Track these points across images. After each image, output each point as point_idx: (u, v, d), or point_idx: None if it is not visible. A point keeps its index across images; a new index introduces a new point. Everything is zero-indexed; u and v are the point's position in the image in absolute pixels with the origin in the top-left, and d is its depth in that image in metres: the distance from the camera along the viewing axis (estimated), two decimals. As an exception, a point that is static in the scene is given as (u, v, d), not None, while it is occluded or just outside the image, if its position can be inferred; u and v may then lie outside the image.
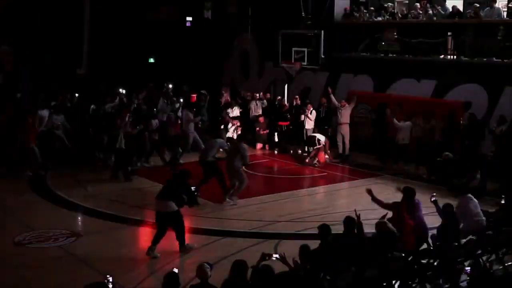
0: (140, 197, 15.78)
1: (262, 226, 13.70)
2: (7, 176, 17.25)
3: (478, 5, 19.41)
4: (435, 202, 11.48)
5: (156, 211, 12.01)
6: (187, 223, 13.81)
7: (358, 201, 15.38)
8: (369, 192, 11.41)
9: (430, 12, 21.01)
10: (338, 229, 9.46)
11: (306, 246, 8.54)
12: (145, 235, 13.67)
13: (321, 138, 19.45)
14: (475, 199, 11.67)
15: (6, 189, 16.48)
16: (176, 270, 7.67)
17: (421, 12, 21.22)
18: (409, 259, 9.56)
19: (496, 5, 19.33)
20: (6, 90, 23.04)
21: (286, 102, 22.86)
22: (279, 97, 23.45)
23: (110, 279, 7.36)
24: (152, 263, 11.37)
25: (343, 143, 20.12)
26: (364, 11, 23.07)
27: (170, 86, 22.89)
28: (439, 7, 20.99)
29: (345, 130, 19.98)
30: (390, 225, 9.72)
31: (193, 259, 11.59)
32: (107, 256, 10.91)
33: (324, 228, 9.23)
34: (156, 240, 11.81)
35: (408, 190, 11.37)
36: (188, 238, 13.16)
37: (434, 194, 11.79)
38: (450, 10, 20.65)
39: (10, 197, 15.68)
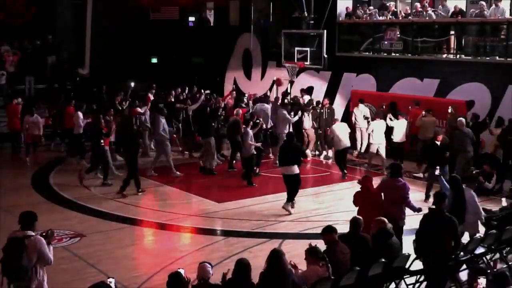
0: (145, 198, 15.76)
1: (265, 225, 13.70)
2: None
3: (484, 3, 19.36)
4: (440, 177, 11.58)
5: (284, 174, 14.67)
6: (190, 223, 13.87)
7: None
8: None
9: (432, 11, 20.97)
10: (341, 229, 9.41)
11: (316, 247, 8.43)
12: (149, 235, 13.70)
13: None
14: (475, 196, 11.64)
15: (8, 189, 16.51)
16: (180, 270, 7.65)
17: (423, 10, 21.17)
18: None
19: (501, 4, 19.26)
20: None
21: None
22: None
23: (113, 280, 7.33)
24: (156, 263, 11.35)
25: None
26: (367, 11, 23.03)
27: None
28: (440, 6, 20.97)
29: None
30: (388, 224, 9.71)
31: (196, 259, 11.56)
32: (110, 257, 10.90)
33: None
34: (290, 197, 14.50)
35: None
36: (190, 238, 13.21)
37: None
38: (452, 9, 20.60)
39: (13, 197, 15.69)
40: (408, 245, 10.25)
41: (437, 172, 11.85)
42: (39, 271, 7.90)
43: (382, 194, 11.34)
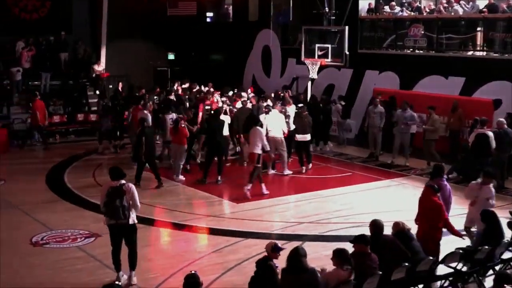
0: (161, 197, 15.76)
1: (285, 227, 13.63)
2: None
3: (512, -2, 19.19)
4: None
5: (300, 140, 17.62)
6: (208, 223, 13.82)
7: (383, 202, 15.34)
8: None
9: (458, 6, 20.78)
10: (363, 231, 9.31)
11: (343, 250, 8.32)
12: (165, 236, 13.69)
13: None
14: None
15: (24, 188, 16.59)
16: (195, 272, 7.60)
17: (448, 6, 20.99)
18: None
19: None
20: None
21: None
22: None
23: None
24: (172, 264, 11.33)
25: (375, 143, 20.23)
26: (390, 6, 22.88)
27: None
28: (470, 2, 20.79)
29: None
30: (406, 225, 9.59)
31: (213, 260, 11.57)
32: (126, 258, 10.86)
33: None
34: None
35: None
36: (208, 239, 13.16)
37: None
38: (479, 4, 20.40)
39: (29, 197, 15.77)
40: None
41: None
42: (132, 212, 10.21)
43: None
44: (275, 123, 17.70)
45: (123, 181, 10.26)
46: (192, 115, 18.75)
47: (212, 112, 18.20)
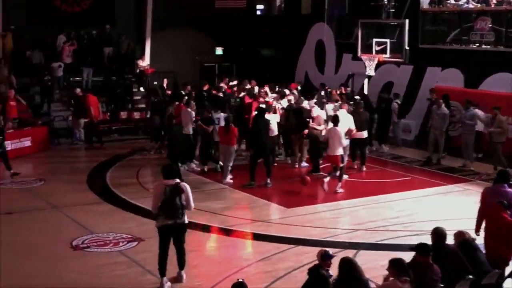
0: (207, 200, 15.86)
1: (338, 234, 13.54)
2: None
3: None
4: None
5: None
6: (256, 229, 13.84)
7: (444, 210, 15.13)
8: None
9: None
10: (423, 240, 9.20)
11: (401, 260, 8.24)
12: (211, 241, 13.76)
13: None
14: None
15: (65, 190, 16.89)
16: (243, 280, 7.64)
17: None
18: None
19: None
20: None
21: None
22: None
23: None
24: (219, 271, 11.38)
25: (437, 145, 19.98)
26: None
27: None
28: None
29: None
30: (469, 234, 9.44)
31: (261, 268, 11.58)
32: (169, 263, 10.97)
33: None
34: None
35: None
36: (256, 245, 13.18)
37: None
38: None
39: (69, 198, 16.05)
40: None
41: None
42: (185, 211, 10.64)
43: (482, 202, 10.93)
44: (342, 123, 17.51)
45: (177, 180, 10.54)
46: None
47: (257, 111, 18.25)
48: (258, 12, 31.91)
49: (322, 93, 22.38)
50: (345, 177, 17.77)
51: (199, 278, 11.13)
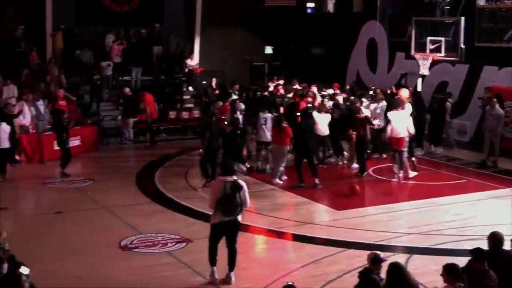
0: (255, 201, 15.82)
1: (391, 238, 13.41)
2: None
3: None
4: None
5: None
6: (306, 231, 13.79)
7: (501, 214, 14.85)
8: None
9: None
10: (479, 245, 9.03)
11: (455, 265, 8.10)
12: (260, 243, 13.76)
13: None
14: None
15: (114, 189, 17.14)
16: (293, 283, 7.61)
17: None
18: None
19: None
20: None
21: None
22: None
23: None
24: (268, 274, 11.37)
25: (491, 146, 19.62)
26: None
27: None
28: None
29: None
30: None
31: (311, 272, 11.52)
32: (219, 265, 11.00)
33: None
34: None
35: None
36: (305, 248, 13.11)
37: None
38: None
39: (118, 198, 16.27)
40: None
41: None
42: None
43: None
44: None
45: (235, 177, 10.76)
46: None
47: (301, 112, 18.12)
48: (309, 10, 31.83)
49: (371, 92, 22.24)
50: (413, 174, 17.80)
51: (248, 280, 11.14)
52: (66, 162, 18.27)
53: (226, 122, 17.61)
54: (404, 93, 19.63)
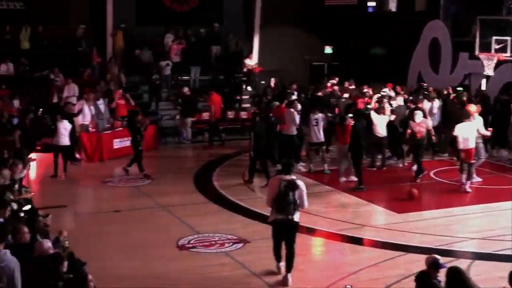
0: (315, 204, 15.83)
1: (452, 242, 13.26)
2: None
3: None
4: None
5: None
6: (365, 234, 13.74)
7: None
8: None
9: None
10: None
11: None
12: (318, 245, 13.76)
13: None
14: None
15: (172, 189, 17.35)
16: (351, 287, 7.62)
17: None
18: None
19: None
20: None
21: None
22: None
23: None
24: (326, 276, 11.37)
25: None
26: None
27: None
28: None
29: None
30: None
31: (370, 275, 11.48)
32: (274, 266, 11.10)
33: None
34: None
35: None
36: (363, 251, 13.06)
37: None
38: None
39: (176, 197, 16.49)
40: None
41: None
42: (297, 209, 10.90)
43: None
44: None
45: (293, 176, 10.92)
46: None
47: (355, 112, 18.02)
48: (369, 9, 31.64)
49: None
50: (477, 179, 17.60)
51: (305, 283, 11.16)
52: (135, 162, 18.49)
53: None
54: (472, 108, 19.38)
